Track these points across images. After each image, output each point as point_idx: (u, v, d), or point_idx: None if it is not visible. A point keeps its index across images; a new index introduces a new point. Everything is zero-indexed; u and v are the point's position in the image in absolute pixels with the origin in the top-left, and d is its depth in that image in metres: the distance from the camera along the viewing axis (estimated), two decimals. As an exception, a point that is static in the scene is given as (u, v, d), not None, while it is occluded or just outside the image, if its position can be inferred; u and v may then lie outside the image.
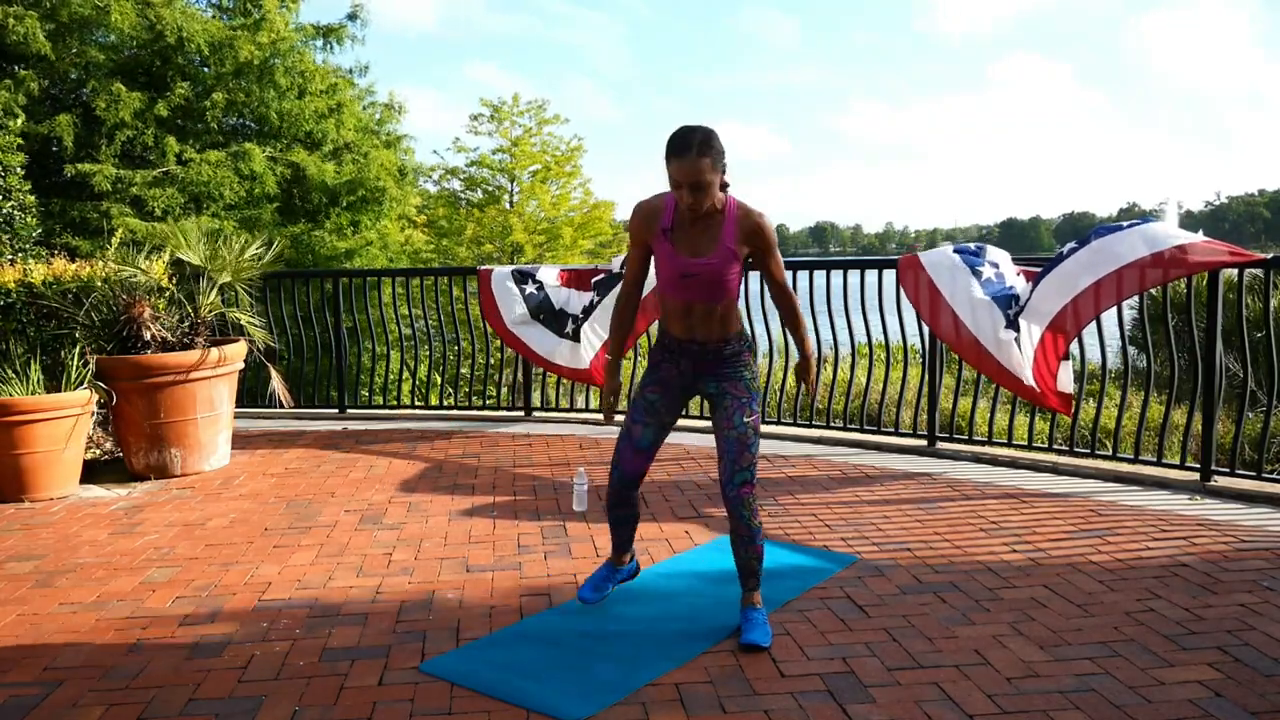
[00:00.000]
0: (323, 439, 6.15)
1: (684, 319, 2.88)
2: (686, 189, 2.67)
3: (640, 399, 2.99)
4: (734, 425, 2.88)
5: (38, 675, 2.81)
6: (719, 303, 2.85)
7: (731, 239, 2.78)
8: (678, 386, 2.98)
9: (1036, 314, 4.65)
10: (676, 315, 2.90)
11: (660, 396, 2.98)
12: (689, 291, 2.83)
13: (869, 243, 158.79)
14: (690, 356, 2.92)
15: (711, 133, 2.69)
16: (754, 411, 2.91)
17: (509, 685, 2.69)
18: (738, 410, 2.89)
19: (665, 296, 2.92)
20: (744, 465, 2.89)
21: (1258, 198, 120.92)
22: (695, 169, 2.64)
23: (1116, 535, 3.88)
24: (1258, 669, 2.70)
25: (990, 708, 2.52)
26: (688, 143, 2.65)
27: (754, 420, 2.90)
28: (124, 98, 9.76)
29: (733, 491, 2.89)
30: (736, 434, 2.88)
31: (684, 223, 2.81)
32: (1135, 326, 10.16)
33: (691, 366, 2.94)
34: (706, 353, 2.91)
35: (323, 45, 12.07)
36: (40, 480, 4.74)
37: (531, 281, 6.06)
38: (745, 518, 2.92)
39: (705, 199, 2.70)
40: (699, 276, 2.79)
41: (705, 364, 2.92)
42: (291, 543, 4.01)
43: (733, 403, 2.89)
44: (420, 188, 17.30)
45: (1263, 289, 5.26)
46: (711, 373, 2.93)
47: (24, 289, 5.29)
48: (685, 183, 2.66)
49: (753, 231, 2.81)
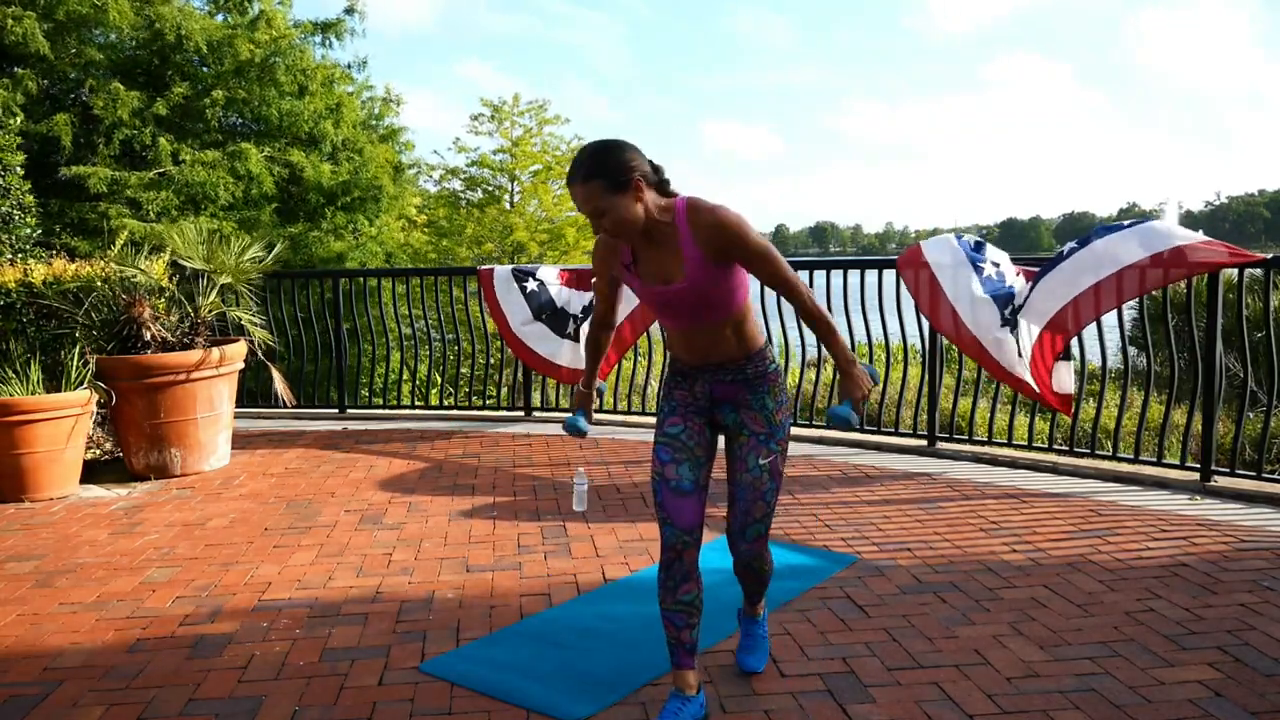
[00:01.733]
0: (323, 439, 6.15)
1: (689, 345, 2.45)
2: (591, 218, 2.26)
3: (660, 436, 2.48)
4: (747, 468, 2.44)
5: (38, 675, 2.81)
6: (721, 321, 2.39)
7: (694, 250, 2.29)
8: (697, 414, 2.49)
9: (1036, 313, 4.65)
10: (681, 343, 2.47)
11: (684, 428, 2.47)
12: (680, 319, 2.41)
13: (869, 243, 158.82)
14: (705, 379, 2.47)
15: (605, 149, 2.24)
16: (773, 452, 2.44)
17: (509, 685, 2.69)
18: (753, 450, 2.44)
19: (662, 324, 2.56)
20: (758, 516, 2.46)
21: (1258, 198, 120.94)
22: (587, 196, 2.22)
23: (1116, 535, 3.88)
24: (1258, 669, 2.70)
25: (990, 708, 2.52)
26: (575, 167, 2.24)
27: (772, 461, 2.44)
28: (122, 97, 9.75)
29: (744, 546, 2.51)
30: (750, 478, 2.44)
31: (645, 249, 2.37)
32: (1135, 326, 10.15)
33: (708, 390, 2.47)
34: (724, 372, 2.44)
35: (321, 41, 12.05)
36: (40, 480, 4.74)
37: (532, 279, 6.06)
38: (756, 569, 2.58)
39: (623, 223, 2.25)
40: (676, 304, 2.37)
41: (722, 386, 2.46)
42: (291, 543, 4.01)
43: (749, 439, 2.45)
44: (420, 187, 17.29)
45: (1263, 289, 5.25)
46: (730, 399, 2.47)
47: (24, 289, 5.29)
48: (584, 212, 2.26)
49: (710, 230, 2.27)
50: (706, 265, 2.29)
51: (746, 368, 2.44)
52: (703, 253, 2.28)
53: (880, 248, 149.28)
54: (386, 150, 12.15)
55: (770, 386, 2.46)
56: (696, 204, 2.31)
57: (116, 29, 10.07)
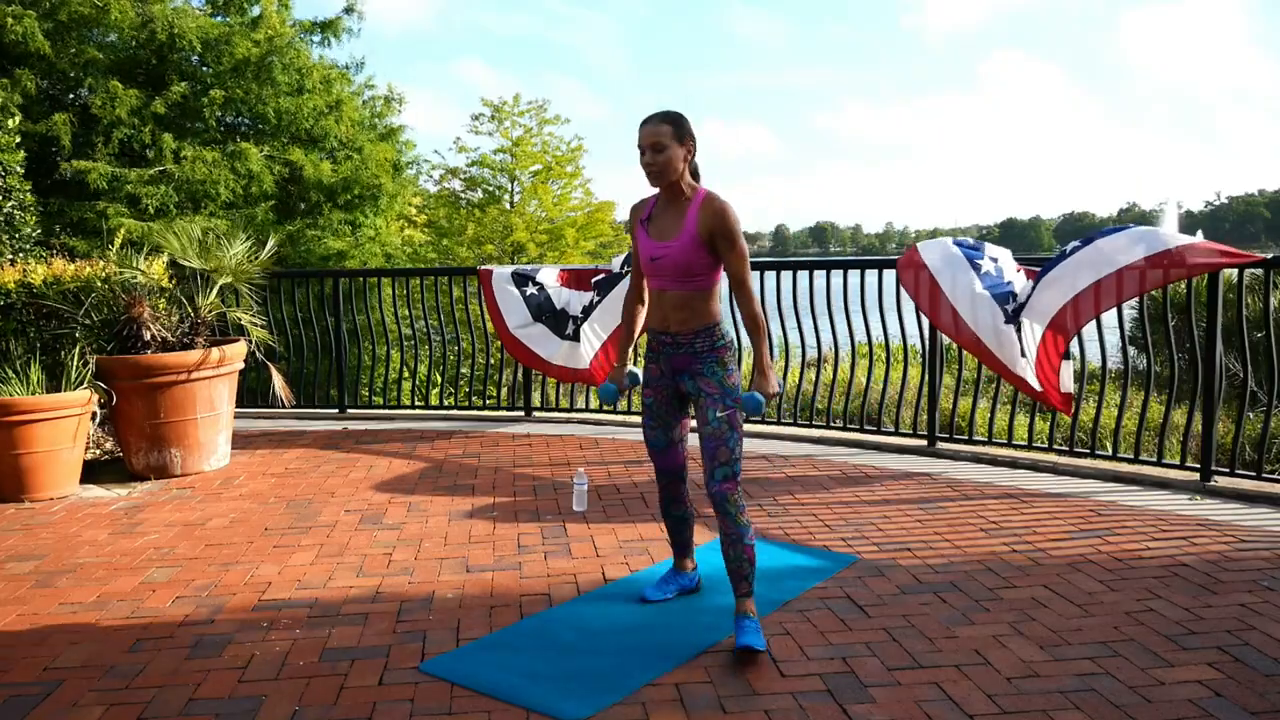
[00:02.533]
0: (323, 439, 6.15)
1: (659, 308, 2.96)
2: (647, 150, 2.85)
3: (644, 406, 3.13)
4: (708, 421, 2.90)
5: (38, 675, 2.81)
6: (689, 290, 2.89)
7: (694, 223, 2.85)
8: (664, 387, 3.05)
9: (1037, 312, 4.65)
10: (654, 304, 2.99)
11: (654, 399, 3.07)
12: (659, 277, 2.91)
13: (869, 243, 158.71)
14: (666, 352, 2.98)
15: (682, 115, 2.90)
16: (728, 407, 2.89)
17: (509, 685, 2.69)
18: (710, 406, 2.90)
19: (647, 286, 3.04)
20: (722, 460, 2.89)
21: (1257, 198, 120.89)
22: (655, 132, 2.85)
23: (1116, 535, 3.88)
24: (1258, 669, 2.70)
25: (990, 708, 2.52)
26: (653, 114, 2.90)
27: (730, 415, 2.89)
28: (120, 95, 9.75)
29: (715, 488, 2.90)
30: (711, 429, 2.89)
31: (660, 212, 2.95)
32: (1135, 326, 10.15)
33: (670, 363, 2.99)
34: (679, 346, 2.94)
35: (320, 40, 12.05)
36: (40, 480, 4.74)
37: (531, 283, 6.06)
38: (732, 515, 2.90)
39: (667, 163, 2.84)
40: (664, 259, 2.87)
41: (680, 359, 2.96)
42: (291, 543, 4.01)
43: (705, 399, 2.91)
44: (421, 187, 17.28)
45: (1263, 289, 5.25)
46: (686, 369, 2.96)
47: (24, 289, 5.29)
48: (645, 145, 2.85)
49: (713, 215, 2.84)
50: (696, 236, 2.84)
51: (695, 342, 2.92)
52: (698, 229, 2.84)
53: (880, 248, 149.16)
54: (386, 148, 12.13)
55: (718, 357, 2.93)
56: (713, 195, 2.90)
57: (117, 28, 10.07)
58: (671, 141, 2.85)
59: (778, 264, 6.13)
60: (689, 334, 2.92)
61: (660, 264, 2.88)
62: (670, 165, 2.85)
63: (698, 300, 2.90)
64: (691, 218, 2.85)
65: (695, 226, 2.84)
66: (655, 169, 2.86)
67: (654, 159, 2.85)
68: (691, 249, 2.84)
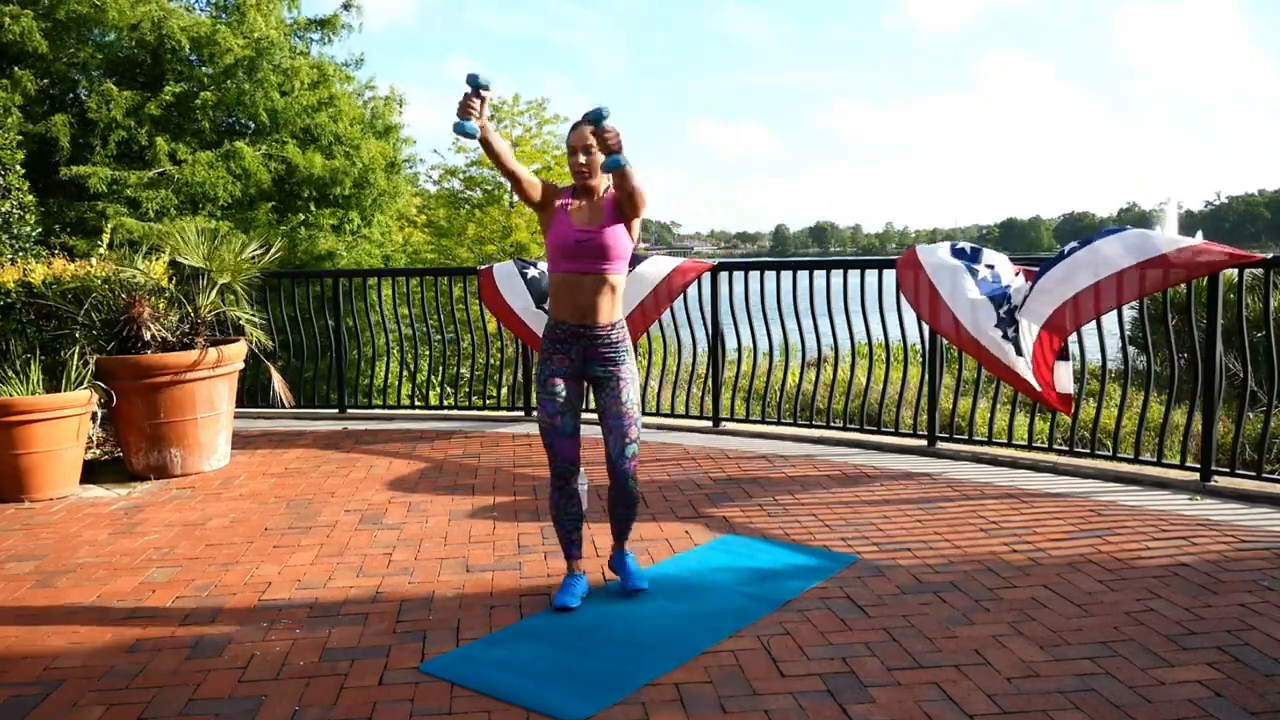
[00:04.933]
0: (323, 439, 6.15)
1: (575, 297, 3.19)
2: (580, 151, 3.17)
3: (546, 394, 3.24)
4: (622, 402, 3.23)
5: (38, 675, 2.81)
6: (610, 274, 3.19)
7: (611, 210, 3.20)
8: (572, 375, 3.26)
9: (1034, 313, 4.65)
10: (572, 292, 3.20)
11: (566, 387, 3.25)
12: (581, 259, 3.17)
13: (869, 243, 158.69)
14: (582, 343, 3.23)
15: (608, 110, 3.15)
16: (636, 390, 3.28)
17: (509, 685, 2.69)
18: (623, 388, 3.24)
19: (564, 275, 3.21)
20: (632, 438, 3.27)
21: (1257, 198, 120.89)
22: (585, 134, 3.15)
23: (1116, 535, 3.88)
24: (1258, 669, 2.70)
25: (990, 708, 2.52)
26: (583, 118, 3.13)
27: (637, 397, 3.29)
28: (115, 97, 9.75)
29: (624, 464, 3.26)
30: (623, 409, 3.24)
31: (576, 203, 3.25)
32: (1135, 326, 10.15)
33: (583, 353, 3.24)
34: (597, 338, 3.22)
35: (319, 38, 12.04)
36: (40, 480, 4.74)
37: (534, 268, 6.08)
38: (631, 487, 3.31)
39: (595, 163, 3.17)
40: (590, 241, 3.16)
41: (596, 350, 3.24)
42: (291, 543, 4.01)
43: (619, 383, 3.24)
44: (420, 187, 17.28)
45: (1263, 289, 5.25)
46: (599, 357, 3.24)
47: (24, 289, 5.29)
48: (579, 146, 3.17)
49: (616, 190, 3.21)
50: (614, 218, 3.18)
51: (612, 333, 3.24)
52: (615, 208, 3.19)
53: (880, 248, 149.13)
54: (382, 146, 12.12)
55: (627, 346, 3.30)
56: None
57: (115, 29, 10.06)
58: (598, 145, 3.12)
59: (778, 264, 6.13)
60: (607, 326, 3.22)
61: (586, 245, 3.16)
62: (598, 165, 3.18)
63: (613, 288, 3.22)
64: (609, 207, 3.20)
65: (614, 212, 3.19)
66: (588, 169, 3.19)
67: (587, 160, 3.18)
68: (615, 232, 3.19)
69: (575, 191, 3.27)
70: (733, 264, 6.21)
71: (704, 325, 6.27)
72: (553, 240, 3.21)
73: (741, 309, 6.24)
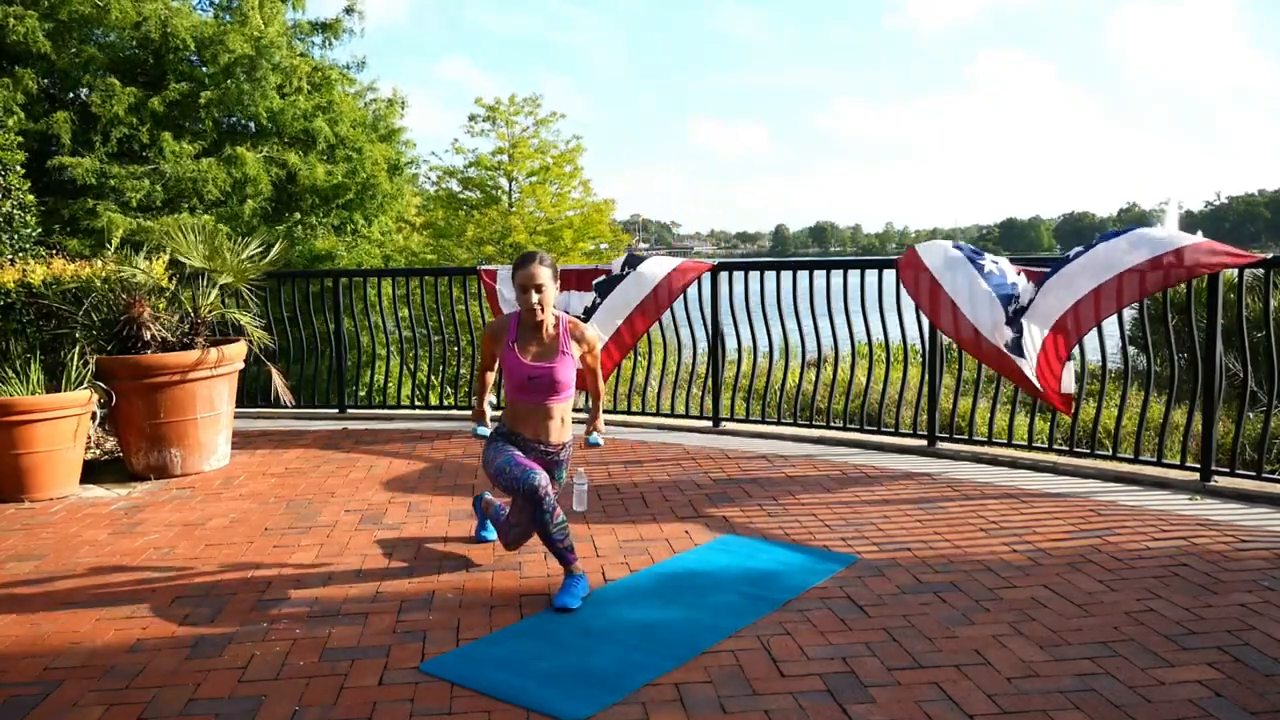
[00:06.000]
0: (323, 439, 6.15)
1: (532, 421, 3.45)
2: (533, 290, 3.36)
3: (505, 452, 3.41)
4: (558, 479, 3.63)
5: (38, 675, 2.81)
6: (563, 401, 3.45)
7: (567, 345, 3.44)
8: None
9: (1039, 316, 4.66)
10: (526, 417, 3.45)
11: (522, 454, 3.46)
12: (536, 393, 3.41)
13: (869, 243, 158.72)
14: (538, 455, 3.49)
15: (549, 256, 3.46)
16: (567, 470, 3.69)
17: (509, 685, 2.69)
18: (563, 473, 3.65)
19: (516, 401, 3.45)
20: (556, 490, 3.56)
21: (1257, 198, 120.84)
22: (538, 274, 3.36)
23: (1116, 535, 3.88)
24: (1258, 669, 2.70)
25: (990, 708, 2.52)
26: (531, 256, 3.42)
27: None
28: (118, 93, 9.75)
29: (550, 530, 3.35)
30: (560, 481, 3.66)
31: (525, 336, 3.45)
32: (1135, 326, 10.15)
33: (541, 462, 3.49)
34: (551, 453, 3.53)
35: (321, 42, 12.05)
36: (40, 480, 4.74)
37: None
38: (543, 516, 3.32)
39: (546, 303, 3.38)
40: (543, 377, 3.38)
41: (550, 463, 3.54)
42: (291, 543, 4.01)
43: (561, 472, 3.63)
44: (420, 188, 17.28)
45: (1263, 289, 5.26)
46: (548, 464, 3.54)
47: (24, 289, 5.29)
48: (530, 285, 3.36)
49: (583, 339, 3.52)
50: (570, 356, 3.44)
51: (563, 451, 3.56)
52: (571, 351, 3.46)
53: (880, 248, 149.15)
54: (385, 149, 12.13)
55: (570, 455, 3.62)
56: (574, 321, 3.57)
57: (118, 28, 10.06)
58: (550, 282, 3.39)
59: (778, 264, 6.14)
60: (560, 445, 3.53)
61: (539, 382, 3.39)
62: (549, 299, 3.39)
63: (567, 411, 3.49)
64: (565, 341, 3.44)
65: (568, 348, 3.43)
66: (540, 306, 3.38)
67: (540, 298, 3.38)
68: (569, 366, 3.42)
69: (521, 323, 3.45)
70: (733, 264, 6.22)
71: (704, 325, 6.27)
72: (506, 373, 3.45)
73: (741, 309, 6.24)
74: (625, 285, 5.87)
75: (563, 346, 3.43)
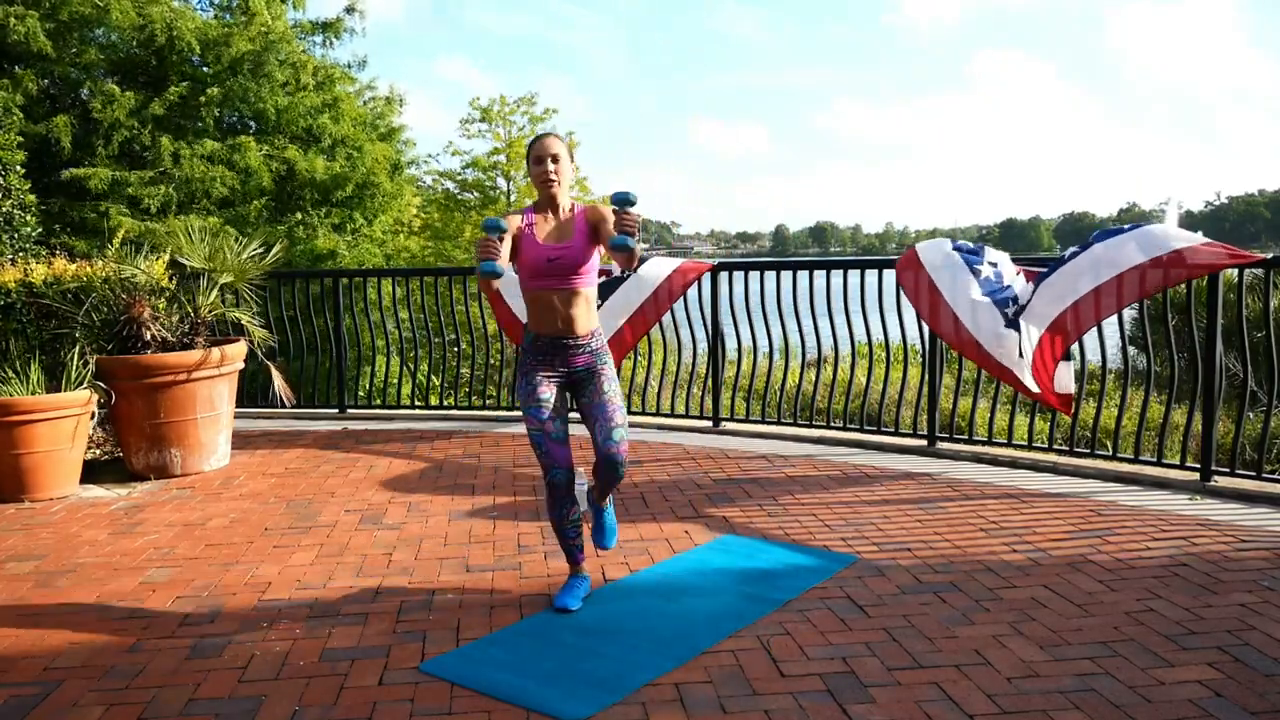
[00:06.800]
0: (323, 439, 6.15)
1: (553, 311, 3.25)
2: (548, 159, 3.25)
3: (533, 402, 3.28)
4: (604, 392, 3.30)
5: (38, 675, 2.81)
6: (582, 286, 3.27)
7: (583, 224, 3.28)
8: (554, 381, 3.32)
9: (1036, 316, 4.65)
10: (548, 310, 3.26)
11: (550, 394, 3.31)
12: (554, 277, 3.23)
13: (869, 243, 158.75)
14: (564, 353, 3.29)
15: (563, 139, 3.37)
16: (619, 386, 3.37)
17: (509, 685, 2.69)
18: (607, 382, 3.31)
19: (537, 291, 3.27)
20: (619, 422, 3.29)
21: (1258, 198, 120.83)
22: (556, 145, 3.28)
23: (1116, 535, 3.88)
24: (1258, 669, 2.70)
25: (990, 708, 2.52)
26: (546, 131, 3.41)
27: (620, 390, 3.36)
28: (119, 98, 9.75)
29: (614, 448, 3.26)
30: (608, 397, 3.29)
31: (540, 222, 3.34)
32: (1135, 326, 10.15)
33: (569, 362, 3.30)
34: (579, 347, 3.29)
35: (322, 41, 12.05)
36: (40, 480, 4.74)
37: None
38: (620, 464, 3.29)
39: (562, 173, 3.26)
40: (562, 258, 3.23)
41: (581, 358, 3.31)
42: (291, 543, 4.01)
43: (601, 379, 3.32)
44: (420, 188, 17.27)
45: (1263, 289, 5.26)
46: (580, 364, 3.31)
47: (24, 289, 5.29)
48: (547, 154, 3.26)
49: (594, 211, 3.31)
50: (588, 237, 3.25)
51: (592, 341, 3.32)
52: (587, 226, 3.27)
53: (880, 248, 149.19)
54: (385, 148, 12.13)
55: (606, 352, 3.38)
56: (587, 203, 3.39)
57: (118, 29, 10.06)
58: (565, 154, 3.30)
59: (778, 264, 6.13)
60: (587, 335, 3.29)
61: (558, 263, 3.23)
62: (565, 171, 3.28)
63: (587, 299, 3.30)
64: (580, 222, 3.28)
65: (585, 226, 3.27)
66: (556, 177, 3.25)
67: (555, 168, 3.26)
68: (586, 247, 3.25)
69: (537, 206, 3.33)
70: (733, 264, 6.21)
71: (704, 325, 6.27)
72: (524, 262, 3.28)
73: (741, 309, 6.24)
74: (626, 287, 5.87)
75: (579, 227, 3.29)
